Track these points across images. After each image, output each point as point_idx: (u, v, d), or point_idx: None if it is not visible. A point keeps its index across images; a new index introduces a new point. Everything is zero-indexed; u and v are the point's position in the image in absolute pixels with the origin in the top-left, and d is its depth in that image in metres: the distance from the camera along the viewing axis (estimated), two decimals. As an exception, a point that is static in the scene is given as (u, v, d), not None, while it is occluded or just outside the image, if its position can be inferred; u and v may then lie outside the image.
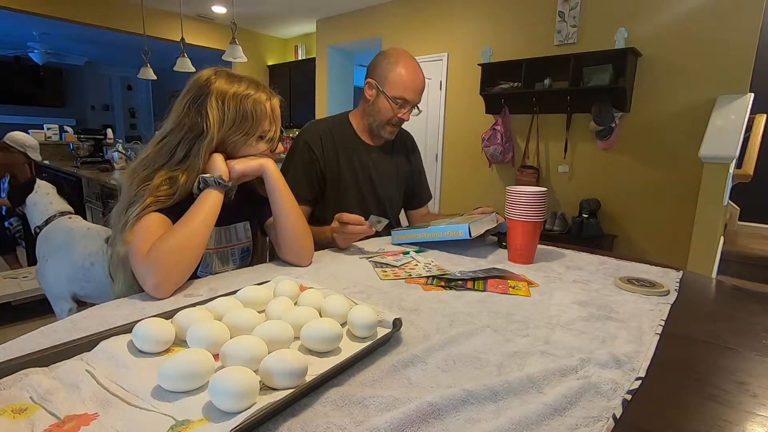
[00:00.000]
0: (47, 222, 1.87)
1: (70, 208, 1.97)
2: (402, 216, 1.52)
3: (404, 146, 1.44)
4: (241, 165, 0.87)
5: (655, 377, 0.51)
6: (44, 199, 1.91)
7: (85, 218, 2.08)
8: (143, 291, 0.71)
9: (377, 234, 1.26)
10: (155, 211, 0.78)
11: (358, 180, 1.30)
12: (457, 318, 0.67)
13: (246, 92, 0.87)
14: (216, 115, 0.83)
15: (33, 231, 1.88)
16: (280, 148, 0.96)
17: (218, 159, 0.85)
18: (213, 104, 0.83)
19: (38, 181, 1.96)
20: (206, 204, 0.79)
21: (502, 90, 3.46)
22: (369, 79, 1.26)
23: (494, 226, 1.14)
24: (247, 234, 0.99)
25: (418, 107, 1.28)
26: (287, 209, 0.91)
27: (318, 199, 1.28)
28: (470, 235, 1.02)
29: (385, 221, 1.03)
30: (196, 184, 0.82)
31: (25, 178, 2.32)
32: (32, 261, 2.61)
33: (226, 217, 0.90)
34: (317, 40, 5.28)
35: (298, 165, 1.24)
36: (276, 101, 0.92)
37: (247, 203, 0.97)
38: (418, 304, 0.72)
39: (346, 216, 1.03)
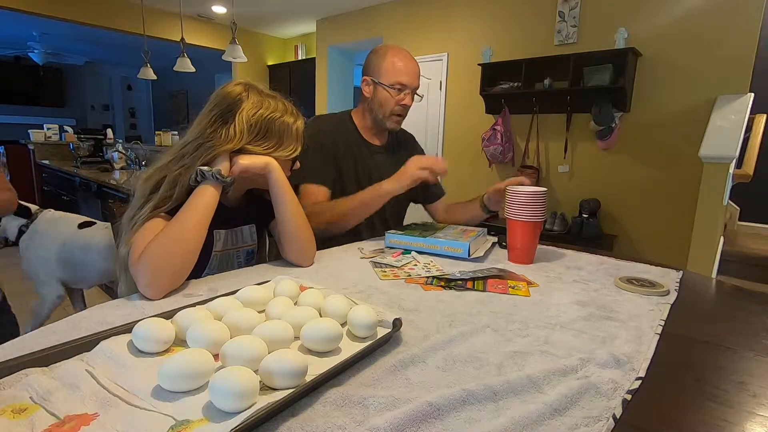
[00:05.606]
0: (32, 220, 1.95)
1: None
2: (408, 213, 1.50)
3: (406, 147, 1.44)
4: (247, 160, 0.86)
5: (655, 377, 0.51)
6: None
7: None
8: None
9: (377, 234, 1.26)
10: (160, 215, 0.79)
11: (359, 181, 1.29)
12: (457, 318, 0.67)
13: (273, 114, 0.89)
14: (242, 131, 0.85)
15: (19, 230, 1.92)
16: (297, 164, 0.99)
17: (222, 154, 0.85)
18: (242, 119, 0.85)
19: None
20: (201, 202, 0.78)
21: (502, 90, 3.46)
22: (364, 77, 1.29)
23: (492, 245, 1.15)
24: (253, 237, 0.99)
25: (418, 94, 1.30)
26: (290, 210, 0.91)
27: (336, 181, 1.27)
28: (469, 255, 1.00)
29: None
30: (193, 175, 0.81)
31: None
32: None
33: (233, 220, 0.92)
34: (317, 40, 5.28)
35: (310, 153, 1.18)
36: (301, 123, 0.94)
37: (254, 206, 0.98)
38: (418, 304, 0.72)
39: (425, 160, 1.13)
